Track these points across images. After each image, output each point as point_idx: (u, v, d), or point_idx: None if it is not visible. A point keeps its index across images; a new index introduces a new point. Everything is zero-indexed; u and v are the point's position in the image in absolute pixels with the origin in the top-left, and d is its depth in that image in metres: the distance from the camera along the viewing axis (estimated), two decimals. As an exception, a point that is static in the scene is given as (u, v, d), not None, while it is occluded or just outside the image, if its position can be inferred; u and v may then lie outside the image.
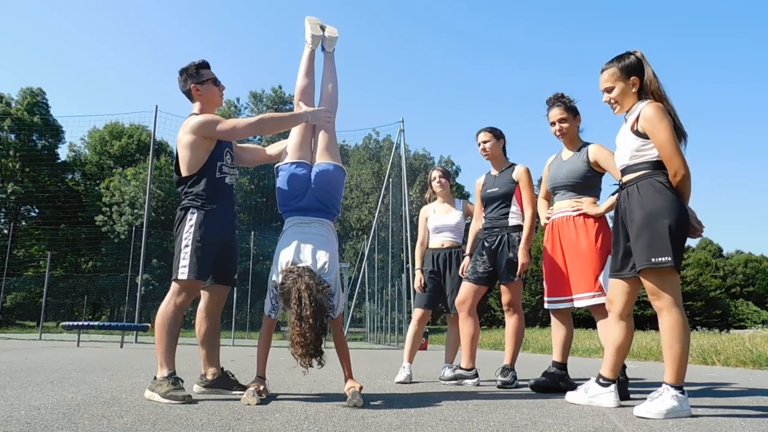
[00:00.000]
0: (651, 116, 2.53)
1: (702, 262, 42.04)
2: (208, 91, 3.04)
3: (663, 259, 2.43)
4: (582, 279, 3.28)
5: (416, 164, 43.02)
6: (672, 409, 2.36)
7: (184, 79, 3.03)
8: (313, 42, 3.28)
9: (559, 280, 3.42)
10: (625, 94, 2.69)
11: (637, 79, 2.66)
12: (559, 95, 3.53)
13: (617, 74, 2.69)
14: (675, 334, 2.43)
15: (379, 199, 21.87)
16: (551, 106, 3.53)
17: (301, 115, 3.03)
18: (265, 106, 47.58)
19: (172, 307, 2.80)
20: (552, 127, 3.52)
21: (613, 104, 2.74)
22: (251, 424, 2.09)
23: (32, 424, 1.98)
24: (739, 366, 7.27)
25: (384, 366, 6.08)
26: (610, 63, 2.73)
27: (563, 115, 3.47)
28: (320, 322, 2.59)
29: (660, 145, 2.51)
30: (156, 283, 30.54)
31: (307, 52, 3.29)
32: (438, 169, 4.49)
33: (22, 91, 38.74)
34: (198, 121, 2.88)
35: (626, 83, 2.67)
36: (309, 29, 3.29)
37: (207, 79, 3.03)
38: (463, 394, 3.28)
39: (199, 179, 2.91)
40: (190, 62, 3.06)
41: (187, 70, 3.03)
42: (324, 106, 3.23)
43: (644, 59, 2.68)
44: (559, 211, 3.46)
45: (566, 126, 3.47)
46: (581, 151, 3.42)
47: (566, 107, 3.48)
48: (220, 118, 2.93)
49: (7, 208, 37.70)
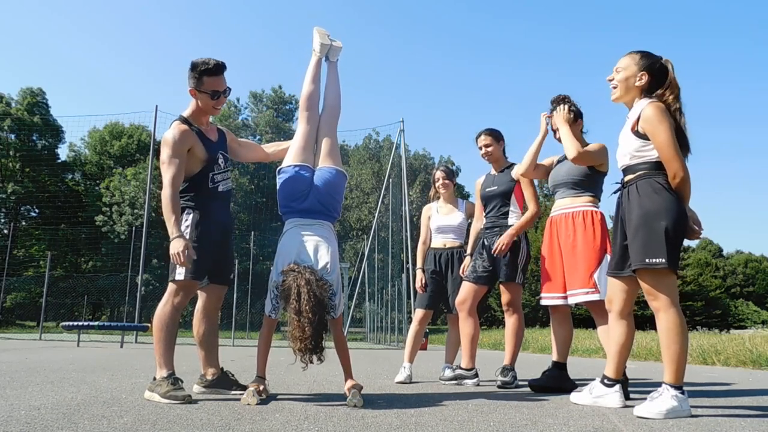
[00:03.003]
0: (651, 117, 2.53)
1: (702, 262, 42.03)
2: (202, 101, 2.93)
3: (657, 260, 2.43)
4: (576, 275, 3.29)
5: (416, 164, 43.02)
6: (672, 409, 2.36)
7: (189, 76, 2.92)
8: (321, 51, 3.31)
9: (553, 276, 3.45)
10: (629, 83, 2.68)
11: (646, 75, 2.64)
12: (561, 98, 3.51)
13: (632, 61, 2.68)
14: (672, 335, 2.43)
15: (379, 199, 21.88)
16: (552, 109, 3.52)
17: (171, 234, 2.70)
18: (265, 106, 47.61)
19: (169, 308, 2.80)
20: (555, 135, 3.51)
21: (612, 86, 2.74)
22: (251, 424, 2.09)
23: (32, 424, 1.98)
24: (739, 366, 7.27)
25: (384, 366, 6.08)
26: (635, 52, 2.72)
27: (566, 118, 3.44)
28: (319, 317, 2.59)
29: (659, 146, 2.51)
30: (156, 283, 30.53)
31: (315, 60, 3.32)
32: (442, 170, 4.47)
33: (22, 91, 38.74)
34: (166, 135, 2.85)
35: (635, 74, 2.66)
36: (318, 38, 3.31)
37: (204, 91, 2.90)
38: (463, 394, 3.28)
39: (191, 187, 2.90)
40: (202, 61, 2.88)
41: (195, 69, 2.89)
42: (327, 114, 3.24)
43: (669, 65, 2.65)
44: (558, 208, 3.47)
45: None
46: None
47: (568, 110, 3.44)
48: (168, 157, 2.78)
49: (7, 208, 37.70)
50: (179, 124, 2.89)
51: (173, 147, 2.80)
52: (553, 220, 3.49)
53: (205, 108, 2.96)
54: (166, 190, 2.74)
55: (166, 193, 2.74)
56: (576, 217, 3.36)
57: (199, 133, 2.93)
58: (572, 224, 3.36)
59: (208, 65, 2.87)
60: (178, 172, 2.78)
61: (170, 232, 2.70)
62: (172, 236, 2.69)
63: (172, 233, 2.69)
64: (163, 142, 2.83)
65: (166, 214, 2.73)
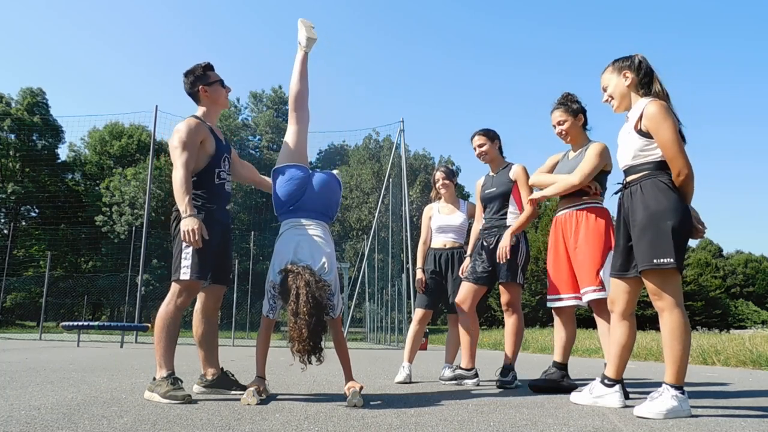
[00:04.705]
0: (654, 115, 2.52)
1: (702, 262, 42.02)
2: (216, 93, 3.04)
3: (665, 260, 2.43)
4: (583, 273, 3.28)
5: (416, 164, 43.01)
6: (672, 409, 2.36)
7: (191, 82, 3.01)
8: (308, 45, 3.27)
9: (561, 277, 3.43)
10: (619, 90, 2.72)
11: (628, 72, 2.69)
12: (564, 95, 3.52)
13: (610, 72, 2.76)
14: (676, 335, 2.43)
15: (379, 199, 21.88)
16: (554, 108, 3.53)
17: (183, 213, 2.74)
18: (265, 106, 47.63)
19: (173, 308, 2.80)
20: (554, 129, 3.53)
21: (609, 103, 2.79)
22: (251, 424, 2.09)
23: (32, 424, 1.98)
24: (739, 366, 7.27)
25: (384, 366, 6.08)
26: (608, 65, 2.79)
27: (562, 117, 3.47)
28: (317, 319, 2.59)
29: (663, 144, 2.51)
30: (156, 284, 30.55)
31: (301, 56, 3.26)
32: (442, 171, 4.46)
33: (22, 91, 38.74)
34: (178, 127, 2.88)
35: (619, 80, 2.72)
36: (304, 32, 3.26)
37: (214, 80, 3.04)
38: (463, 394, 3.28)
39: (198, 182, 2.91)
40: (195, 64, 3.04)
41: (194, 72, 3.01)
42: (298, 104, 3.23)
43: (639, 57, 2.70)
44: (563, 207, 3.45)
45: (565, 128, 3.46)
46: (584, 150, 3.41)
47: (566, 109, 3.48)
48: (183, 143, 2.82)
49: (7, 208, 37.70)
50: (190, 118, 2.96)
51: (187, 134, 2.84)
52: (558, 220, 3.48)
53: (219, 98, 3.06)
54: (180, 171, 2.77)
55: (180, 174, 2.77)
56: (580, 216, 3.34)
57: (210, 129, 2.99)
58: (575, 222, 3.35)
59: (205, 63, 3.04)
60: (190, 156, 2.82)
61: (183, 210, 2.73)
62: (185, 214, 2.72)
63: (185, 211, 2.72)
64: (176, 131, 2.85)
65: (179, 194, 2.75)
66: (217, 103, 3.07)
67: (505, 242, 3.73)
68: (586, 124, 3.52)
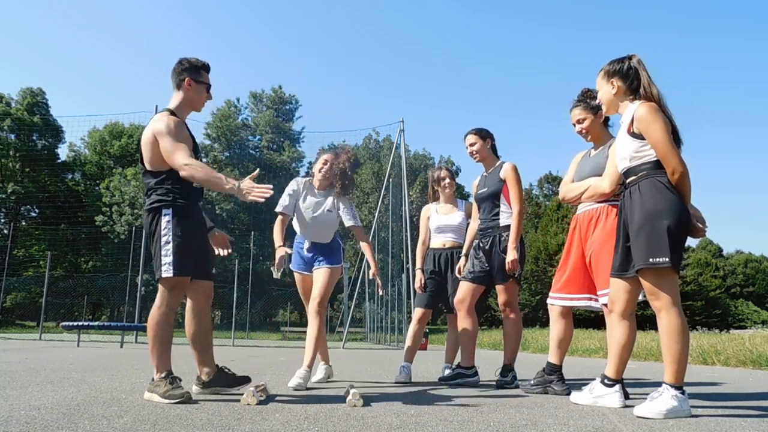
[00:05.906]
0: (643, 116, 2.54)
1: (702, 262, 41.98)
2: (198, 93, 2.96)
3: (661, 259, 2.43)
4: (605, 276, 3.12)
5: (416, 164, 43.00)
6: (672, 409, 2.36)
7: (181, 69, 2.93)
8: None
9: (574, 277, 3.27)
10: (606, 96, 2.76)
11: (616, 80, 2.71)
12: (583, 92, 3.38)
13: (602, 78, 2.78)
14: (674, 335, 2.43)
15: (379, 199, 21.87)
16: (573, 106, 3.41)
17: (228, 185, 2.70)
18: (265, 106, 47.55)
19: (164, 309, 2.78)
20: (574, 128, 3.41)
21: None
22: (251, 424, 2.09)
23: (32, 424, 1.98)
24: (739, 366, 7.27)
25: (384, 366, 6.08)
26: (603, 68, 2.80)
27: (582, 116, 3.34)
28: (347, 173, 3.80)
29: (654, 144, 2.52)
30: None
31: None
32: (445, 170, 4.46)
33: (22, 91, 38.71)
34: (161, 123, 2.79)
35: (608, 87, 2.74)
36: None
37: (203, 81, 2.96)
38: (463, 394, 3.28)
39: (170, 178, 2.82)
40: (197, 58, 2.98)
41: (190, 62, 2.94)
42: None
43: (635, 59, 2.69)
44: (583, 206, 3.30)
45: (585, 126, 3.33)
46: (606, 147, 3.28)
47: (585, 106, 3.34)
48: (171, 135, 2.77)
49: (7, 208, 37.70)
50: (169, 115, 2.86)
51: (175, 132, 2.77)
52: (578, 219, 3.32)
53: (197, 101, 2.98)
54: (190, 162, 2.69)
55: (194, 164, 2.69)
56: (601, 213, 3.18)
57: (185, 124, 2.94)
58: (595, 221, 3.19)
59: (205, 62, 2.99)
60: (186, 149, 2.75)
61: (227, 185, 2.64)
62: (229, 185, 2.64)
63: (229, 183, 2.65)
64: (161, 132, 2.76)
65: (208, 177, 2.66)
66: (193, 102, 2.98)
67: (511, 257, 3.71)
68: (608, 121, 3.38)
